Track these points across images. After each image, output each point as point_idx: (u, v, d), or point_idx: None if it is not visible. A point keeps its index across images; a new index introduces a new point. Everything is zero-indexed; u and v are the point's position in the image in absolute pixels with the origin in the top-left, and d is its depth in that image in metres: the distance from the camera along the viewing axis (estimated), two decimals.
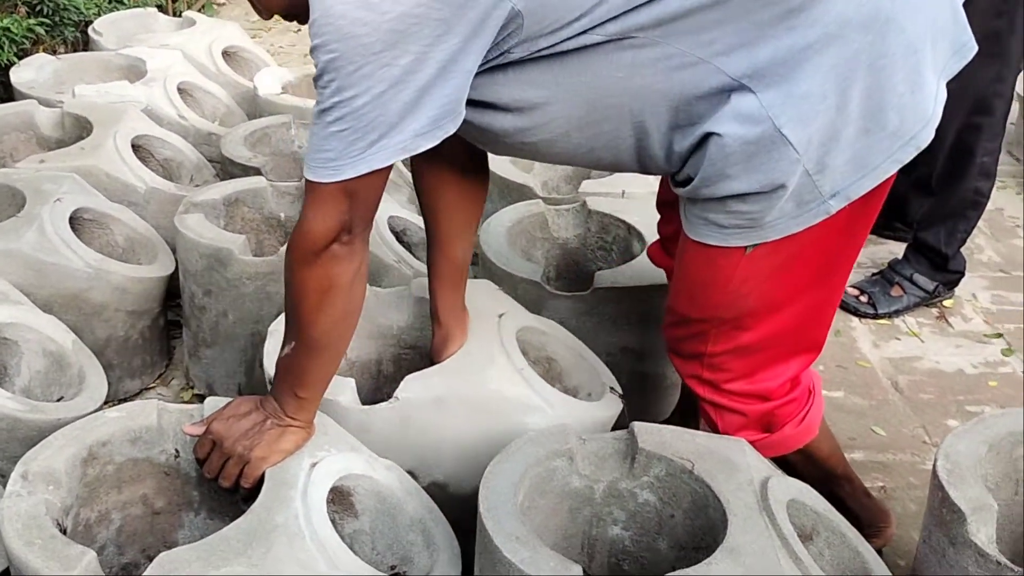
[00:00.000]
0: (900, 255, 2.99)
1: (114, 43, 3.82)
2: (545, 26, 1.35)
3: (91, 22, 4.12)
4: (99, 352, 2.19)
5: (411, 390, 1.67)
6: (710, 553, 1.34)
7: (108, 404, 1.98)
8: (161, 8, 4.84)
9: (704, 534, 1.47)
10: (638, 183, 2.56)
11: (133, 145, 2.72)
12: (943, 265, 2.89)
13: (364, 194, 1.40)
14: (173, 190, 2.67)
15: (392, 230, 2.29)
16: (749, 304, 1.57)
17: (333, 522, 1.46)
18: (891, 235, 3.28)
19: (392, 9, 1.26)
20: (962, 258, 2.92)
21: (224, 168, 2.82)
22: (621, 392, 1.84)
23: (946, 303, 2.96)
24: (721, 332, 1.61)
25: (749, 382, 1.66)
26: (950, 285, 2.95)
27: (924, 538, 1.57)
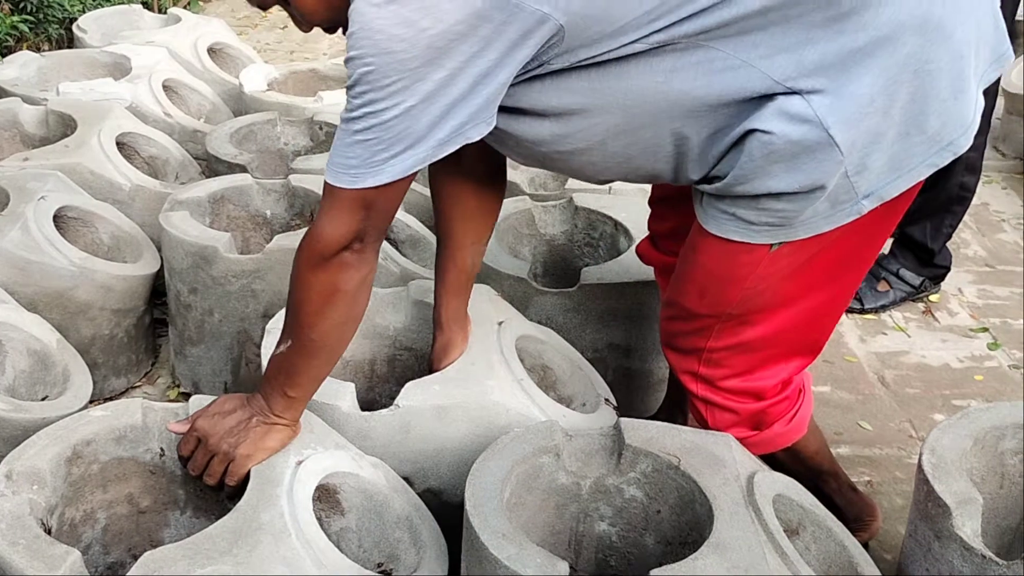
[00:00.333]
0: (886, 250, 3.00)
1: (99, 40, 3.82)
2: (587, 38, 1.33)
3: (75, 19, 4.12)
4: (84, 351, 2.18)
5: (412, 397, 1.66)
6: (696, 548, 1.34)
7: (93, 403, 1.97)
8: (146, 5, 4.83)
9: (691, 529, 1.48)
10: None
11: (118, 143, 2.71)
12: (929, 260, 2.89)
13: (381, 205, 1.39)
14: (158, 188, 2.66)
15: None
16: (761, 301, 1.55)
17: (319, 520, 1.46)
18: None
19: (432, 27, 1.25)
20: (948, 253, 2.93)
21: (209, 165, 2.82)
22: (616, 404, 1.84)
23: (932, 298, 2.97)
24: (725, 328, 1.59)
25: (745, 380, 1.65)
26: (936, 280, 2.96)
27: (910, 532, 1.58)
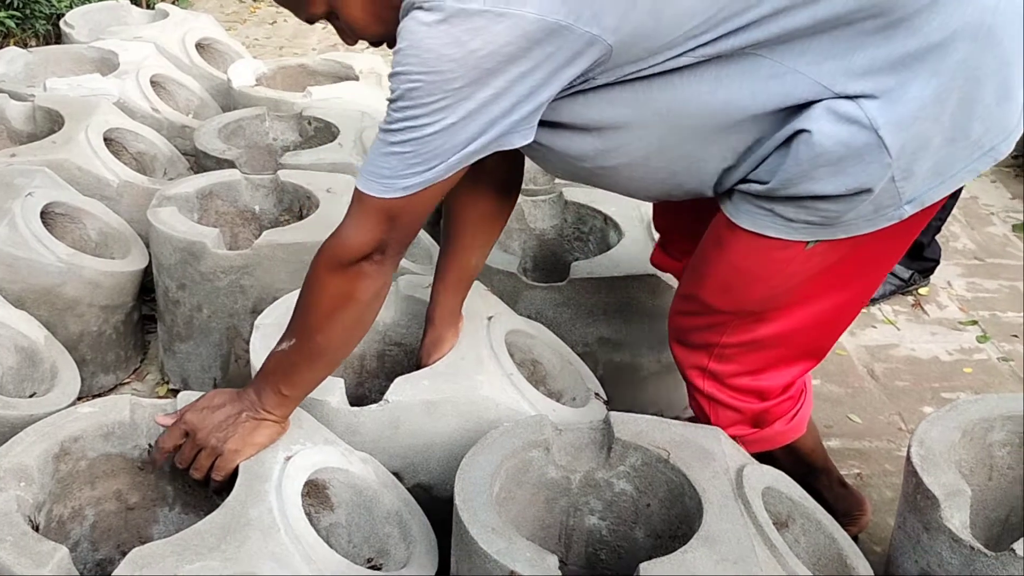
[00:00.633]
0: None
1: (86, 36, 3.80)
2: (634, 55, 1.32)
3: (63, 15, 4.09)
4: (72, 347, 2.17)
5: (402, 392, 1.66)
6: (686, 541, 1.34)
7: (82, 400, 1.96)
8: (134, 0, 4.80)
9: (680, 523, 1.48)
10: None
11: (105, 138, 2.69)
12: (918, 253, 2.90)
13: (406, 219, 1.39)
14: (146, 183, 2.65)
15: None
16: (784, 299, 1.54)
17: (309, 515, 1.46)
18: None
19: (482, 48, 1.24)
20: (937, 246, 2.94)
21: (198, 161, 2.80)
22: (606, 398, 1.84)
23: (921, 291, 2.98)
24: (741, 324, 1.58)
25: (753, 378, 1.65)
26: (925, 273, 2.96)
27: (899, 524, 1.58)
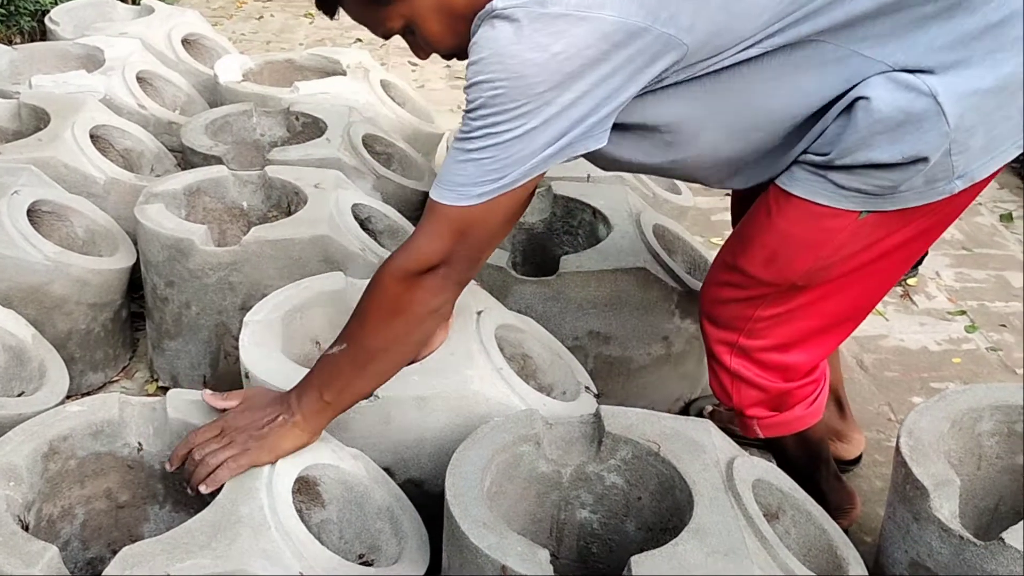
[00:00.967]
0: None
1: (71, 32, 3.78)
2: (707, 52, 1.34)
3: (47, 11, 4.07)
4: (61, 346, 2.16)
5: (392, 388, 1.65)
6: (677, 534, 1.34)
7: (71, 398, 1.95)
8: None
9: (671, 515, 1.48)
10: None
11: (92, 135, 2.68)
12: None
13: (478, 231, 1.38)
14: (133, 180, 2.63)
15: (356, 217, 2.27)
16: (829, 273, 1.54)
17: (300, 512, 1.45)
18: None
19: (564, 51, 1.25)
20: None
21: (185, 157, 2.79)
22: (596, 392, 1.84)
23: (910, 281, 2.98)
24: (780, 297, 1.58)
25: (782, 353, 1.65)
26: (914, 264, 2.97)
27: (889, 514, 1.59)
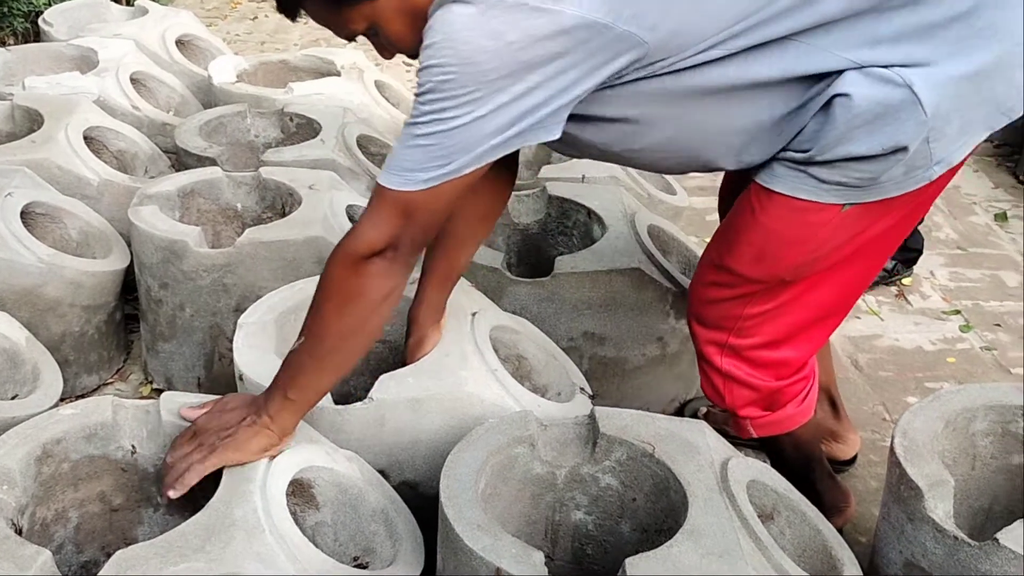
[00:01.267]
0: None
1: (65, 33, 3.77)
2: (668, 52, 1.34)
3: (41, 12, 4.05)
4: (55, 348, 2.16)
5: (386, 390, 1.65)
6: (672, 535, 1.34)
7: (65, 401, 1.95)
8: None
9: (666, 516, 1.48)
10: (598, 168, 2.56)
11: (86, 137, 2.68)
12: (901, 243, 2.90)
13: (423, 215, 1.37)
14: (127, 182, 2.63)
15: (351, 219, 2.27)
16: (816, 266, 1.54)
17: (294, 515, 1.45)
18: None
19: (518, 41, 1.25)
20: (920, 236, 2.95)
21: (179, 159, 2.79)
22: (592, 393, 1.84)
23: (905, 281, 2.99)
24: (768, 293, 1.59)
25: (772, 350, 1.66)
26: (908, 263, 2.97)
27: (883, 515, 1.59)
